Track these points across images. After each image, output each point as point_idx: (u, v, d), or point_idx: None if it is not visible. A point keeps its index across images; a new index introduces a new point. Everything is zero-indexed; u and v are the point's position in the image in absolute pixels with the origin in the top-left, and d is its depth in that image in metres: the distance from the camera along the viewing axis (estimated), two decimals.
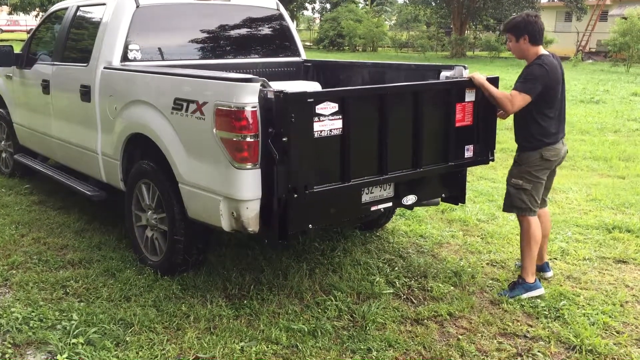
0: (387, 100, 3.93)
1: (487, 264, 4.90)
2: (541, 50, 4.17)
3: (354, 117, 3.73)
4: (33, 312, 3.89)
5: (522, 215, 4.28)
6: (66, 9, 5.93)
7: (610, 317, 4.01)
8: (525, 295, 4.20)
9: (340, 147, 3.75)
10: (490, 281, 4.56)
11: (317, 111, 3.57)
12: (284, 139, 3.48)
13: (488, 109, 4.39)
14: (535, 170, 4.21)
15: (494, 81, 4.36)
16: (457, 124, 4.32)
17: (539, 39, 4.16)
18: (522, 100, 4.07)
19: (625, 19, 27.64)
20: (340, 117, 3.67)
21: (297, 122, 3.49)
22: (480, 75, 4.30)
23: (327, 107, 3.61)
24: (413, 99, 4.10)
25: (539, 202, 4.31)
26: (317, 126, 3.59)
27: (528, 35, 4.12)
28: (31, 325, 3.74)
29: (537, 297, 4.22)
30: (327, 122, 3.63)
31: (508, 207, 4.36)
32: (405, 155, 4.13)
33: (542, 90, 4.07)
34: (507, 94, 4.14)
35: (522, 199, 4.23)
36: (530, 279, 4.26)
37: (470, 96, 4.32)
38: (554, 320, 3.96)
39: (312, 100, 3.55)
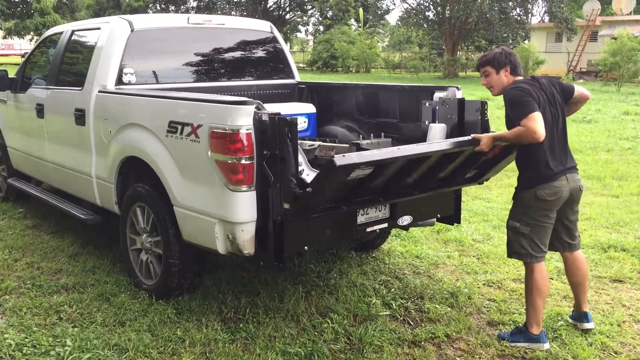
0: (425, 157, 3.77)
1: (484, 284, 4.89)
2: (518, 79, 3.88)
3: (386, 167, 3.60)
4: (26, 338, 3.84)
5: (524, 262, 3.91)
6: (61, 33, 5.96)
7: (607, 337, 4.00)
8: (524, 345, 3.86)
9: (356, 183, 3.64)
10: (487, 302, 4.55)
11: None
12: (308, 190, 3.38)
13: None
14: (531, 211, 3.80)
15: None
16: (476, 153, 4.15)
17: (519, 70, 3.89)
18: (536, 121, 3.56)
19: (615, 39, 27.95)
20: (373, 167, 3.54)
21: (332, 181, 3.39)
22: (487, 138, 3.83)
23: None
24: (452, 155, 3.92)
25: (544, 247, 3.87)
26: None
27: (510, 65, 3.84)
28: (24, 351, 3.69)
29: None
30: (359, 171, 3.49)
31: (510, 252, 3.97)
32: (409, 182, 4.06)
33: None
34: (520, 128, 3.61)
35: (520, 243, 3.84)
36: (535, 330, 3.87)
37: None
38: (552, 340, 3.94)
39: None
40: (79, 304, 4.35)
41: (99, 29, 5.19)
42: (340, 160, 3.19)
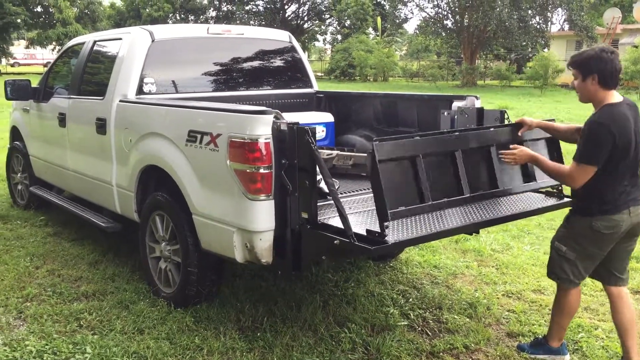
0: None
1: (503, 295, 4.84)
2: (611, 97, 3.43)
3: None
4: (47, 345, 3.88)
5: (561, 285, 3.71)
6: (83, 43, 6.04)
7: None
8: (544, 357, 3.81)
9: None
10: (507, 313, 4.50)
11: None
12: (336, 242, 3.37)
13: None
14: (582, 240, 3.53)
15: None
16: None
17: (611, 82, 3.40)
18: (584, 173, 3.36)
19: (636, 47, 27.67)
20: None
21: None
22: (527, 151, 3.67)
23: None
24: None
25: (586, 273, 3.64)
26: None
27: (598, 75, 3.38)
28: (45, 358, 3.73)
29: None
30: None
31: (549, 272, 3.77)
32: None
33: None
34: (564, 170, 3.47)
35: (563, 267, 3.62)
36: (555, 343, 3.80)
37: None
38: (572, 353, 3.89)
39: None
40: (98, 312, 4.39)
41: (120, 39, 5.26)
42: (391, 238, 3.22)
